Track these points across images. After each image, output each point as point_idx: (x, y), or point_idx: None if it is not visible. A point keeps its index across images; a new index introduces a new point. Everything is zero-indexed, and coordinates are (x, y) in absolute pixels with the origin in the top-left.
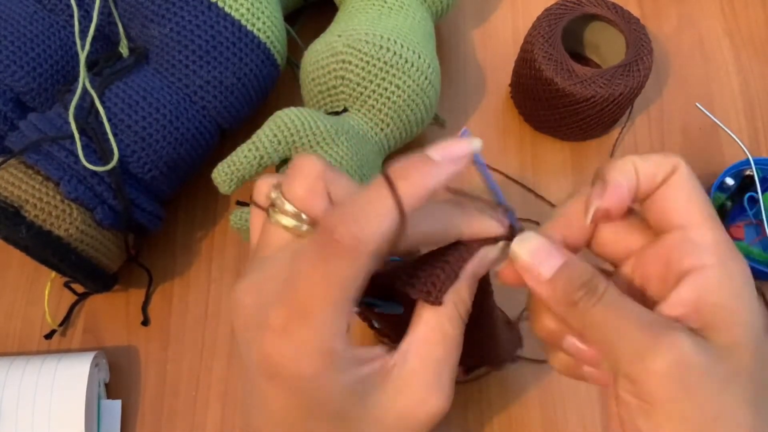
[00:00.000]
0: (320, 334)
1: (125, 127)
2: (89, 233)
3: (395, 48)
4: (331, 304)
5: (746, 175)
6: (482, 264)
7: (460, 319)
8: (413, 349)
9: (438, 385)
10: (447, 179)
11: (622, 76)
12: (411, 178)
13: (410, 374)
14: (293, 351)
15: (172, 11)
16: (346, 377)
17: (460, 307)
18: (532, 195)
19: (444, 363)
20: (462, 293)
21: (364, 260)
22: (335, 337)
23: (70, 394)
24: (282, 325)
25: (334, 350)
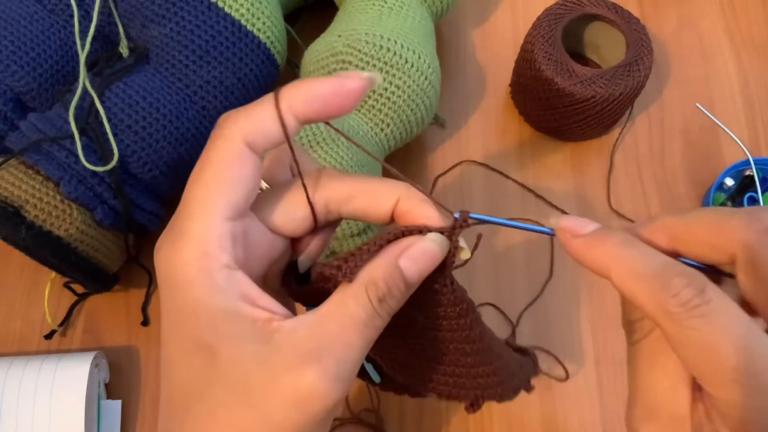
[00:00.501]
0: (195, 222)
1: (125, 127)
2: (89, 233)
3: (395, 48)
4: (207, 187)
5: (746, 175)
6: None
7: (368, 303)
8: (306, 320)
9: (317, 356)
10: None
11: (622, 76)
12: (296, 84)
13: (291, 339)
14: (172, 245)
15: (172, 11)
16: (222, 298)
17: (371, 289)
18: (532, 195)
19: (334, 339)
20: (375, 275)
21: (237, 141)
22: (213, 236)
23: (70, 394)
24: (171, 223)
25: (209, 252)
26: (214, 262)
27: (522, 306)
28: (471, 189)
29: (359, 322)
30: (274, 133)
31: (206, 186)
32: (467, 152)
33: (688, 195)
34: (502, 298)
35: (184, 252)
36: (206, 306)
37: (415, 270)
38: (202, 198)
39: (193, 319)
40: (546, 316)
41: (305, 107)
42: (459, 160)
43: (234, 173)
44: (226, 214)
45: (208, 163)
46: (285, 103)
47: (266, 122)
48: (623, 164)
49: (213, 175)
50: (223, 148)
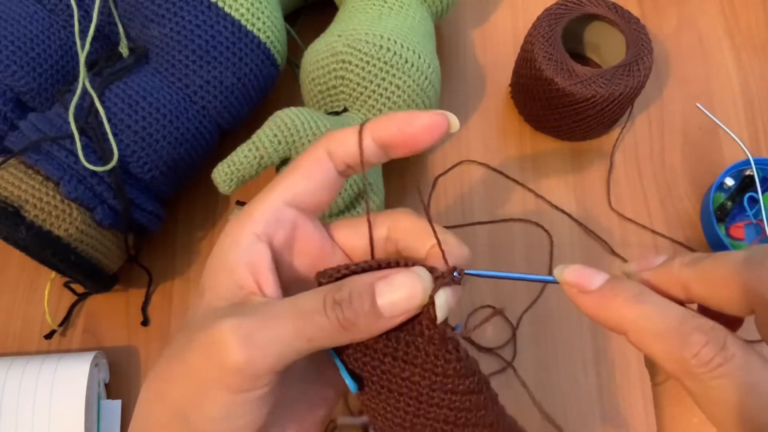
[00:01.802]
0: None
1: (125, 127)
2: (89, 233)
3: (395, 48)
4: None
5: (746, 175)
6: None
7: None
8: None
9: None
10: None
11: (622, 76)
12: (382, 117)
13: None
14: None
15: (172, 11)
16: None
17: (331, 289)
18: (532, 195)
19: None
20: (343, 282)
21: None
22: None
23: (70, 394)
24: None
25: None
26: (250, 224)
27: (522, 308)
28: (471, 189)
29: (299, 309)
30: (352, 147)
31: (281, 175)
32: (467, 152)
33: (688, 195)
34: (502, 301)
35: (243, 215)
36: (220, 255)
37: (389, 301)
38: (272, 185)
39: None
40: (546, 317)
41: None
42: (459, 160)
43: (305, 168)
44: (283, 197)
45: (294, 164)
46: (368, 128)
47: (348, 138)
48: (623, 164)
49: (289, 168)
50: (307, 152)
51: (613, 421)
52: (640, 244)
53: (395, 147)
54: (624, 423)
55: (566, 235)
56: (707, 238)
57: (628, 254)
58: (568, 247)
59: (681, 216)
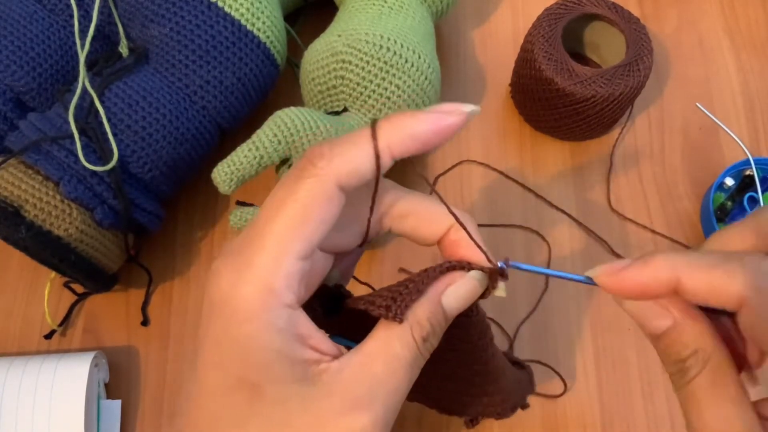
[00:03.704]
0: (266, 257)
1: (125, 127)
2: (89, 233)
3: (395, 48)
4: (287, 223)
5: (746, 175)
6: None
7: (413, 343)
8: (353, 361)
9: (367, 402)
10: (431, 128)
11: (622, 76)
12: (394, 121)
13: (339, 382)
14: (235, 273)
15: (172, 11)
16: (279, 339)
17: (416, 329)
18: (532, 195)
19: (382, 383)
20: (419, 315)
21: (330, 182)
22: (281, 274)
23: (69, 394)
24: (237, 246)
25: (275, 290)
26: (278, 300)
27: (519, 319)
28: (471, 189)
29: (406, 364)
30: (369, 174)
31: (288, 222)
32: (467, 152)
33: (688, 195)
34: (500, 312)
35: (248, 285)
36: (260, 344)
37: (455, 308)
38: (280, 233)
39: (241, 354)
40: (544, 327)
41: (402, 147)
42: (459, 160)
43: (320, 214)
44: (302, 254)
45: (294, 198)
46: (384, 142)
47: (363, 163)
48: (623, 164)
49: (298, 212)
50: (314, 188)
51: (612, 422)
52: (640, 244)
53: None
54: (624, 423)
55: (566, 235)
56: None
57: (628, 254)
58: (568, 247)
59: (681, 216)
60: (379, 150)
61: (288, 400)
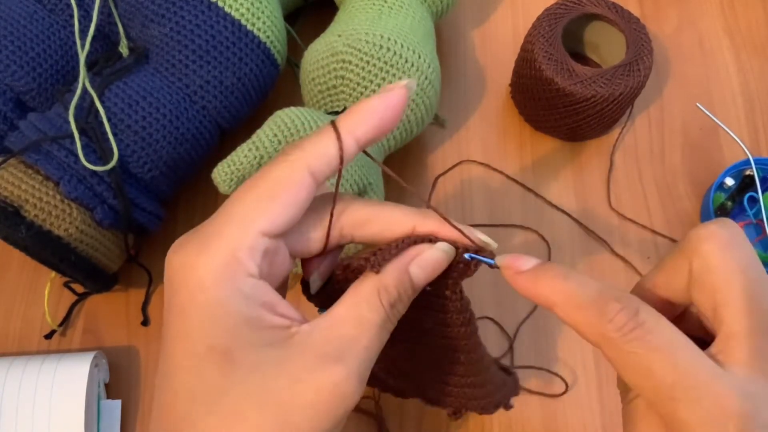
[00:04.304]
0: (231, 229)
1: (125, 127)
2: (89, 233)
3: (395, 48)
4: (254, 203)
5: (746, 175)
6: (421, 263)
7: (380, 306)
8: (322, 324)
9: (337, 357)
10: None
11: (622, 76)
12: (351, 110)
13: (310, 342)
14: (199, 244)
15: (172, 11)
16: (245, 306)
17: (383, 295)
18: (532, 195)
19: (351, 342)
20: (387, 281)
21: (301, 168)
22: (245, 246)
23: (70, 394)
24: (203, 224)
25: (239, 260)
26: (242, 268)
27: (521, 318)
28: (471, 189)
29: (374, 326)
30: (336, 161)
31: (256, 199)
32: (467, 152)
33: (688, 195)
34: (500, 312)
35: (213, 255)
36: (227, 310)
37: (422, 277)
38: (247, 208)
39: (209, 322)
40: (544, 327)
41: (365, 130)
42: (459, 160)
43: (289, 195)
44: (266, 230)
45: (264, 179)
46: (346, 130)
47: (329, 151)
48: (623, 164)
49: (267, 190)
50: (285, 170)
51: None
52: (640, 244)
53: (374, 140)
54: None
55: (566, 235)
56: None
57: (628, 254)
58: (568, 247)
59: (681, 216)
60: (341, 135)
61: (261, 364)
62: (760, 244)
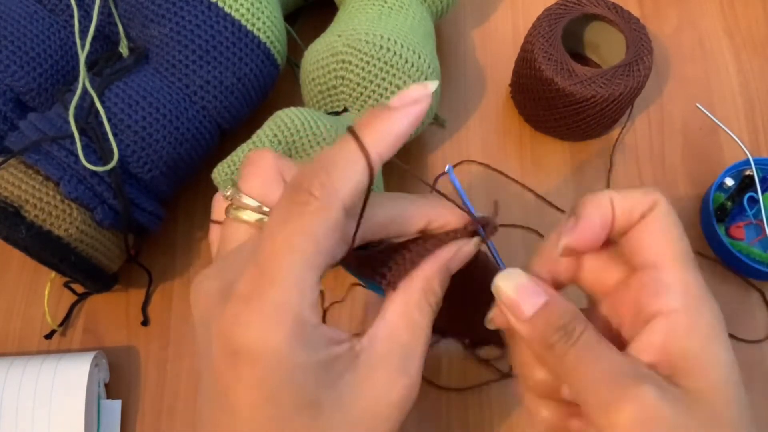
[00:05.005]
0: (289, 297)
1: (125, 127)
2: (89, 233)
3: (395, 48)
4: (305, 261)
5: (746, 175)
6: (457, 257)
7: (429, 308)
8: (380, 335)
9: (405, 369)
10: (410, 123)
11: (622, 76)
12: (374, 126)
13: (378, 358)
14: (258, 319)
15: (172, 11)
16: (319, 355)
17: (430, 296)
18: (532, 195)
19: (410, 349)
20: (432, 283)
21: (335, 211)
22: (306, 304)
23: (70, 394)
24: (248, 290)
25: (305, 320)
26: (309, 327)
27: None
28: (471, 189)
29: (425, 328)
30: (365, 186)
31: (303, 259)
32: (467, 152)
33: (688, 195)
34: None
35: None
36: (307, 368)
37: (456, 268)
38: (297, 271)
39: (292, 384)
40: None
41: (389, 150)
42: (459, 160)
43: (331, 244)
44: (318, 279)
45: (304, 234)
46: (373, 150)
47: (361, 179)
48: (623, 164)
49: (312, 248)
50: (322, 218)
51: None
52: None
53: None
54: None
55: None
56: (707, 238)
57: None
58: None
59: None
60: (372, 162)
61: (342, 395)
62: (760, 243)
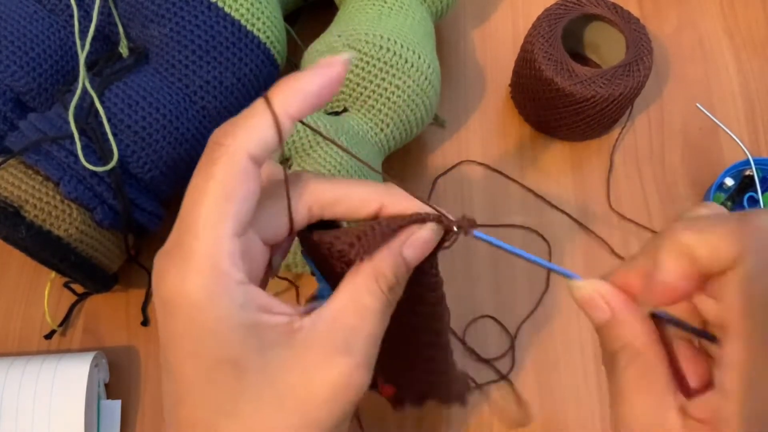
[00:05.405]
0: (205, 244)
1: (125, 127)
2: (89, 233)
3: (395, 48)
4: (214, 206)
5: (746, 175)
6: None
7: (381, 293)
8: (324, 315)
9: (345, 349)
10: (320, 83)
11: (622, 76)
12: (283, 85)
13: (316, 336)
14: (179, 266)
15: (172, 11)
16: (243, 315)
17: (381, 281)
18: (532, 195)
19: (357, 331)
20: (383, 266)
21: (241, 156)
22: (224, 255)
23: (70, 394)
24: (170, 245)
25: (224, 271)
26: (230, 280)
27: (521, 318)
28: (471, 189)
29: (376, 313)
30: (273, 142)
31: (213, 204)
32: (467, 152)
33: (688, 195)
34: (501, 311)
35: (196, 274)
36: (228, 324)
37: (415, 258)
38: (209, 216)
39: (212, 338)
40: (545, 326)
41: (300, 107)
42: (459, 160)
43: (242, 190)
44: (235, 231)
45: (212, 180)
46: (280, 107)
47: (266, 132)
48: (623, 164)
49: (220, 192)
50: (228, 163)
51: None
52: (640, 244)
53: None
54: None
55: (566, 235)
56: None
57: (628, 254)
58: (568, 247)
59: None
60: (276, 113)
61: (270, 364)
62: None
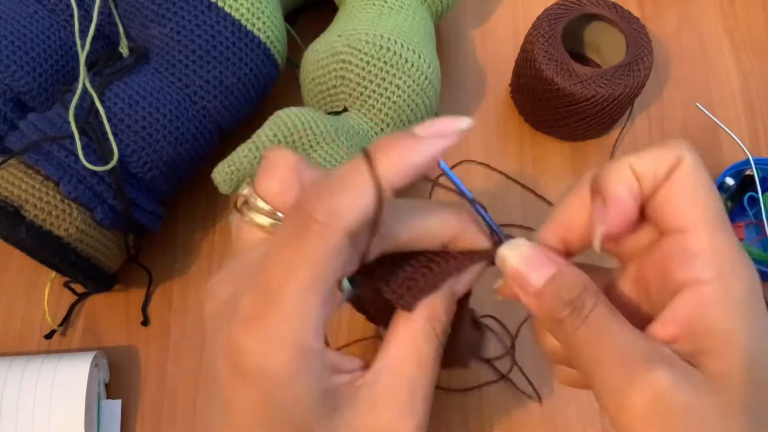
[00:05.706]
0: (293, 323)
1: (125, 127)
2: (89, 233)
3: (395, 48)
4: (305, 287)
5: (746, 175)
6: (463, 280)
7: (435, 338)
8: (386, 367)
9: (410, 407)
10: (432, 155)
11: (622, 76)
12: (391, 151)
13: (381, 394)
14: (264, 342)
15: (172, 11)
16: (319, 384)
17: (437, 325)
18: (532, 195)
19: (417, 383)
20: (439, 310)
21: (339, 237)
22: (310, 331)
23: (70, 394)
24: (251, 311)
25: (308, 348)
26: (312, 354)
27: (522, 317)
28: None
29: (434, 358)
30: (372, 212)
31: (302, 285)
32: (467, 152)
33: None
34: (501, 311)
35: (281, 352)
36: (306, 399)
37: (463, 292)
38: (298, 297)
39: (287, 412)
40: None
41: (403, 180)
42: (459, 160)
43: (333, 270)
44: (324, 303)
45: (305, 259)
46: (385, 179)
47: (367, 207)
48: None
49: (312, 273)
50: (323, 244)
51: None
52: None
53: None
54: None
55: None
56: None
57: None
58: None
59: None
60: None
61: (337, 429)
62: (760, 243)
